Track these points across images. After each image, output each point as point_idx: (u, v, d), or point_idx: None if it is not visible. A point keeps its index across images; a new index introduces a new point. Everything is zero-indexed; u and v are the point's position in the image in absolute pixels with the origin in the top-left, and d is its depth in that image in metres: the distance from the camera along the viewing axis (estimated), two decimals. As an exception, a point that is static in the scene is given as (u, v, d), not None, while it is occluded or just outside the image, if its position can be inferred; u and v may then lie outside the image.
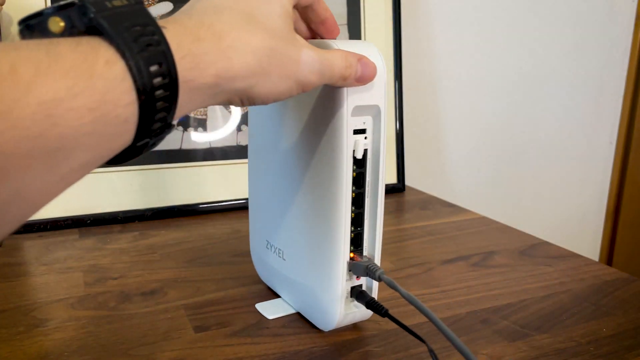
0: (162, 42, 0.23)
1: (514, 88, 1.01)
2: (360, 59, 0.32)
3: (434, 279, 0.48)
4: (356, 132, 0.34)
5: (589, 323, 0.41)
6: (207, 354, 0.36)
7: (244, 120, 0.69)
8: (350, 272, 0.37)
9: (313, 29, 0.36)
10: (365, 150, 0.35)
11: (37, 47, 0.20)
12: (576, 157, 1.11)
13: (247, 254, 0.54)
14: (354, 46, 0.34)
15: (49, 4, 0.61)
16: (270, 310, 0.42)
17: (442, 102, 0.95)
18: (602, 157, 1.15)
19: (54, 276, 0.48)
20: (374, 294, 0.38)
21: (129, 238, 0.58)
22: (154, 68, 0.22)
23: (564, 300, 0.45)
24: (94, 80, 0.20)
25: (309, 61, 0.29)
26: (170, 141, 0.66)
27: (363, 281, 0.38)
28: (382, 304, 0.36)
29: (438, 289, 0.46)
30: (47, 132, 0.19)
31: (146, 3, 0.65)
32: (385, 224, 0.64)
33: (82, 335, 0.38)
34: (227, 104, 0.28)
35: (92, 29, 0.22)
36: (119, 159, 0.24)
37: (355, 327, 0.40)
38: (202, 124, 0.67)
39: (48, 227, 0.60)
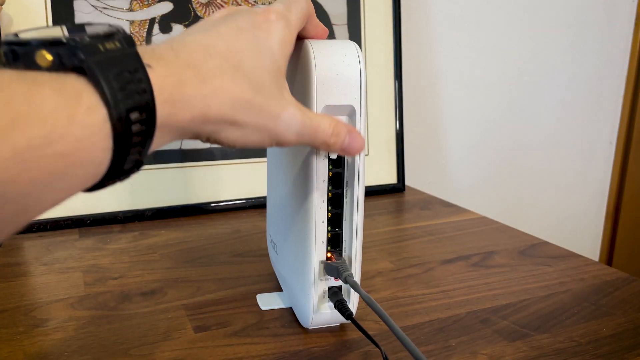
0: (148, 90, 0.22)
1: (514, 88, 1.01)
2: (351, 131, 0.32)
3: (434, 279, 0.48)
4: None
5: (589, 323, 0.41)
6: (207, 354, 0.36)
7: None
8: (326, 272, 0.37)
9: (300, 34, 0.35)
10: None
11: (18, 87, 0.19)
12: (576, 157, 1.11)
13: (247, 254, 0.54)
14: (334, 45, 0.34)
15: (49, 4, 0.61)
16: (266, 301, 0.43)
17: (442, 102, 0.95)
18: (602, 157, 1.15)
19: (54, 276, 0.48)
20: (351, 296, 0.38)
21: (129, 238, 0.58)
22: (134, 115, 0.22)
23: (563, 300, 0.45)
24: (72, 127, 0.20)
25: (289, 121, 0.29)
26: (170, 141, 0.66)
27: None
28: (349, 306, 0.36)
29: (438, 289, 0.46)
30: (19, 177, 0.19)
31: (145, 3, 0.65)
32: (385, 224, 0.64)
33: (82, 335, 0.38)
34: (193, 139, 0.28)
35: (79, 68, 0.21)
36: (84, 190, 0.24)
37: (355, 327, 0.40)
38: (202, 124, 0.67)
39: (48, 227, 0.60)
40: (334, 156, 0.34)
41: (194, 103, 0.25)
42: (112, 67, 0.22)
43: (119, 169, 0.23)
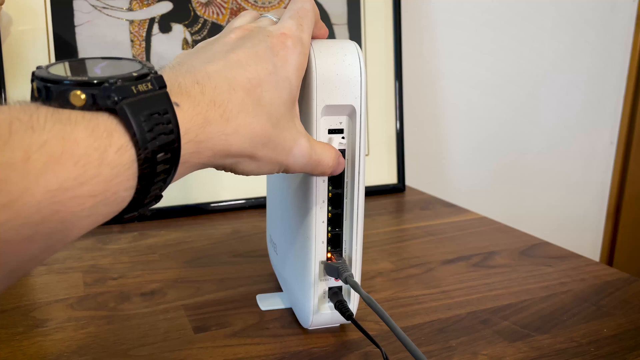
0: (175, 131, 0.23)
1: (514, 88, 1.00)
2: (340, 157, 0.33)
3: (434, 279, 0.48)
4: (332, 131, 0.34)
5: (590, 323, 0.41)
6: (206, 355, 0.36)
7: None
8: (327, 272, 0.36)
9: None
10: (343, 151, 0.35)
11: (54, 128, 0.20)
12: (577, 157, 1.11)
13: (247, 254, 0.54)
14: (334, 45, 0.34)
15: (49, 4, 0.60)
16: (265, 302, 0.43)
17: (442, 102, 0.95)
18: (603, 157, 1.15)
19: (54, 276, 0.48)
20: (352, 296, 0.38)
21: (129, 238, 0.58)
22: (160, 155, 0.23)
23: (564, 301, 0.44)
24: (102, 168, 0.21)
25: (298, 156, 0.30)
26: (170, 141, 0.66)
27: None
28: (349, 306, 0.36)
29: (438, 289, 0.46)
30: (49, 217, 0.19)
31: (145, 3, 0.65)
32: (385, 224, 0.64)
33: (82, 336, 0.38)
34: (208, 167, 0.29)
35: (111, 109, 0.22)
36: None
37: (355, 327, 0.40)
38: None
39: (48, 227, 0.60)
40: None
41: (217, 142, 0.26)
42: (143, 110, 0.22)
43: (139, 204, 0.24)
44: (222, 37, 0.31)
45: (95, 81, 0.22)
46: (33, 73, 0.23)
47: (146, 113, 0.22)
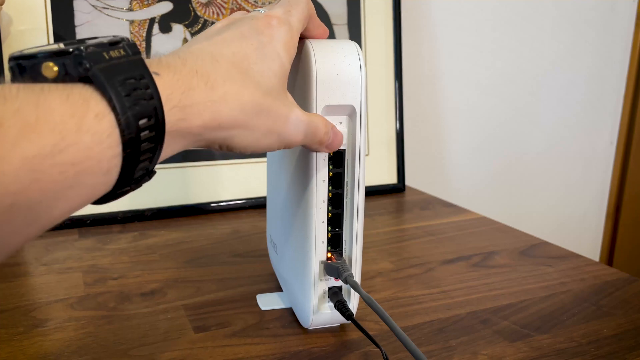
0: (155, 95, 0.23)
1: (514, 87, 1.00)
2: (333, 127, 0.33)
3: (434, 279, 0.48)
4: None
5: (590, 323, 0.41)
6: (206, 355, 0.36)
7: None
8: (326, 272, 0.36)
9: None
10: (344, 151, 0.35)
11: (27, 97, 0.19)
12: (577, 157, 1.11)
13: (247, 254, 0.54)
14: (334, 45, 0.34)
15: (48, 4, 0.61)
16: (266, 302, 0.43)
17: (442, 102, 0.95)
18: (602, 157, 1.15)
19: (54, 276, 0.48)
20: (352, 296, 0.38)
21: (129, 238, 0.58)
22: (142, 121, 0.22)
23: (564, 301, 0.44)
24: (80, 135, 0.20)
25: (297, 122, 0.30)
26: (170, 141, 0.66)
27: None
28: (349, 306, 0.36)
29: (438, 289, 0.46)
30: (29, 187, 0.19)
31: (145, 3, 0.65)
32: (385, 224, 0.64)
33: (82, 336, 0.38)
34: (205, 148, 0.28)
35: (85, 77, 0.22)
36: (97, 202, 0.24)
37: (355, 327, 0.40)
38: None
39: (48, 227, 0.60)
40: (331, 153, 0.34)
41: (204, 109, 0.25)
42: (117, 74, 0.22)
43: (129, 177, 0.23)
44: (209, 28, 0.32)
45: (68, 49, 0.22)
46: (9, 56, 0.23)
47: (121, 78, 0.22)
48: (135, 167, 0.23)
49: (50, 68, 0.22)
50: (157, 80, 0.23)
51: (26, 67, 0.22)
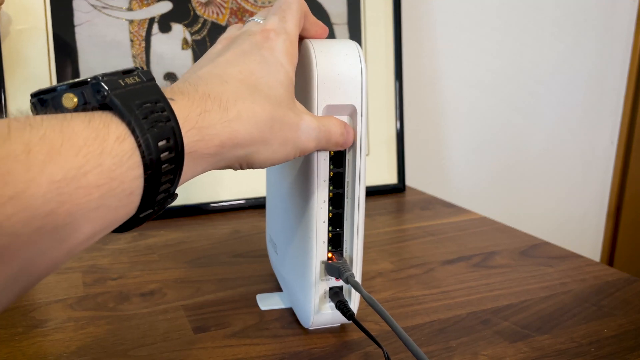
0: (172, 118, 0.24)
1: (515, 87, 1.00)
2: (346, 125, 0.33)
3: (434, 280, 0.48)
4: None
5: (590, 324, 0.41)
6: (206, 355, 0.36)
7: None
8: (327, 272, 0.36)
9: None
10: (345, 150, 0.35)
11: (51, 124, 0.20)
12: (577, 157, 1.11)
13: (246, 254, 0.54)
14: (335, 45, 0.34)
15: (48, 4, 0.60)
16: (265, 302, 0.43)
17: (442, 102, 0.94)
18: (603, 157, 1.15)
19: (53, 277, 0.48)
20: (352, 296, 0.38)
21: (128, 238, 0.58)
22: (162, 143, 0.23)
23: (564, 301, 0.44)
24: (103, 157, 0.21)
25: (307, 129, 0.30)
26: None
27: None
28: (350, 306, 0.36)
29: (439, 289, 0.46)
30: (56, 209, 0.19)
31: (145, 2, 0.65)
32: (385, 224, 0.64)
33: (81, 336, 0.38)
34: (226, 168, 0.29)
35: (104, 105, 0.23)
36: (122, 228, 0.25)
37: (355, 327, 0.40)
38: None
39: (47, 227, 0.59)
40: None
41: (222, 129, 0.26)
42: (134, 99, 0.23)
43: (151, 199, 0.24)
44: (209, 50, 0.33)
45: (86, 80, 0.23)
46: (30, 94, 0.24)
47: (138, 102, 0.23)
48: (157, 189, 0.24)
49: (71, 98, 0.23)
50: (173, 105, 0.24)
51: (47, 100, 0.23)
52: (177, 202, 0.65)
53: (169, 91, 0.25)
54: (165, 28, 0.66)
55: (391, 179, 0.78)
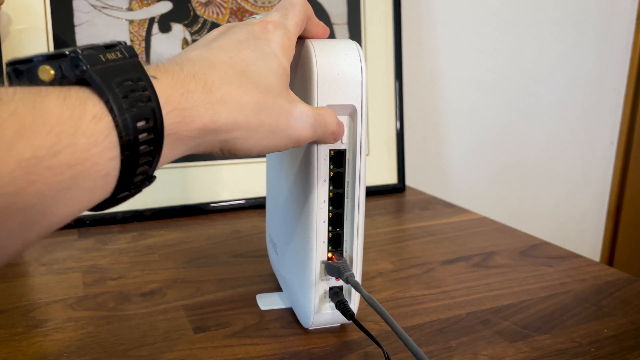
0: (153, 98, 0.22)
1: (514, 88, 1.00)
2: (336, 115, 0.32)
3: (434, 280, 0.48)
4: None
5: (590, 324, 0.41)
6: (206, 355, 0.36)
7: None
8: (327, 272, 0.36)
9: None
10: (345, 150, 0.35)
11: (23, 99, 0.19)
12: (577, 157, 1.11)
13: (246, 254, 0.54)
14: (335, 45, 0.34)
15: (48, 4, 0.60)
16: (265, 302, 0.43)
17: (442, 102, 0.94)
18: (603, 157, 1.15)
19: (53, 277, 0.48)
20: (352, 296, 0.38)
21: (128, 238, 0.58)
22: (141, 124, 0.22)
23: (564, 301, 0.44)
24: (77, 137, 0.20)
25: (302, 116, 0.29)
26: (170, 141, 0.66)
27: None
28: (350, 306, 0.36)
29: (439, 289, 0.46)
30: (25, 189, 0.19)
31: (145, 2, 0.65)
32: (385, 224, 0.64)
33: (81, 336, 0.38)
34: (207, 153, 0.28)
35: (82, 80, 0.21)
36: (97, 208, 0.24)
37: (355, 327, 0.40)
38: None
39: (47, 227, 0.59)
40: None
41: (204, 111, 0.25)
42: (114, 76, 0.22)
43: (128, 182, 0.23)
44: (205, 36, 0.31)
45: (64, 52, 0.22)
46: (6, 62, 0.23)
47: (118, 80, 0.22)
48: (135, 171, 0.23)
49: (47, 71, 0.22)
50: (155, 84, 0.23)
51: (23, 71, 0.22)
52: (177, 202, 0.65)
53: (153, 69, 0.24)
54: (165, 28, 0.66)
55: (391, 179, 0.78)
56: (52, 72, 0.22)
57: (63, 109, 0.20)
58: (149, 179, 0.24)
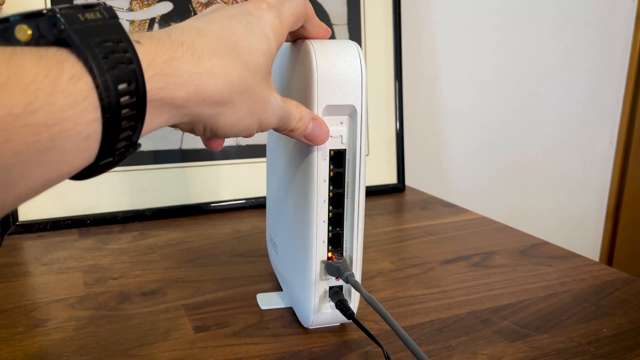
0: (134, 60, 0.22)
1: (514, 87, 1.00)
2: (315, 118, 0.32)
3: (434, 279, 0.48)
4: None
5: (590, 323, 0.41)
6: (206, 354, 0.36)
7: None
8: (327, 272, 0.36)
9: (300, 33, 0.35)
10: (344, 150, 0.35)
11: None
12: (577, 157, 1.11)
13: (247, 254, 0.54)
14: (335, 45, 0.34)
15: (48, 4, 0.61)
16: (266, 301, 0.43)
17: (442, 102, 0.95)
18: (602, 157, 1.15)
19: (54, 276, 0.48)
20: (352, 296, 0.38)
21: (129, 238, 0.58)
22: (122, 86, 0.21)
23: (564, 301, 0.44)
24: (55, 96, 0.19)
25: (274, 106, 0.29)
26: (170, 141, 0.66)
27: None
28: (350, 306, 0.36)
29: (438, 289, 0.46)
30: (0, 147, 0.18)
31: (145, 3, 0.65)
32: (385, 224, 0.64)
33: (82, 336, 0.38)
34: (189, 131, 0.28)
35: (60, 41, 0.21)
36: (81, 176, 0.23)
37: (355, 327, 0.40)
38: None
39: (48, 227, 0.60)
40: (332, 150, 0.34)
41: (189, 80, 0.24)
42: (94, 36, 0.21)
43: (111, 147, 0.22)
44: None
45: (42, 11, 0.21)
46: None
47: (97, 40, 0.21)
48: (117, 136, 0.22)
49: (24, 30, 0.21)
50: (138, 48, 0.23)
51: None
52: (177, 202, 0.65)
53: (137, 35, 0.24)
54: (165, 28, 0.66)
55: (391, 179, 0.78)
56: (30, 31, 0.21)
57: (39, 68, 0.19)
58: (133, 145, 0.24)
